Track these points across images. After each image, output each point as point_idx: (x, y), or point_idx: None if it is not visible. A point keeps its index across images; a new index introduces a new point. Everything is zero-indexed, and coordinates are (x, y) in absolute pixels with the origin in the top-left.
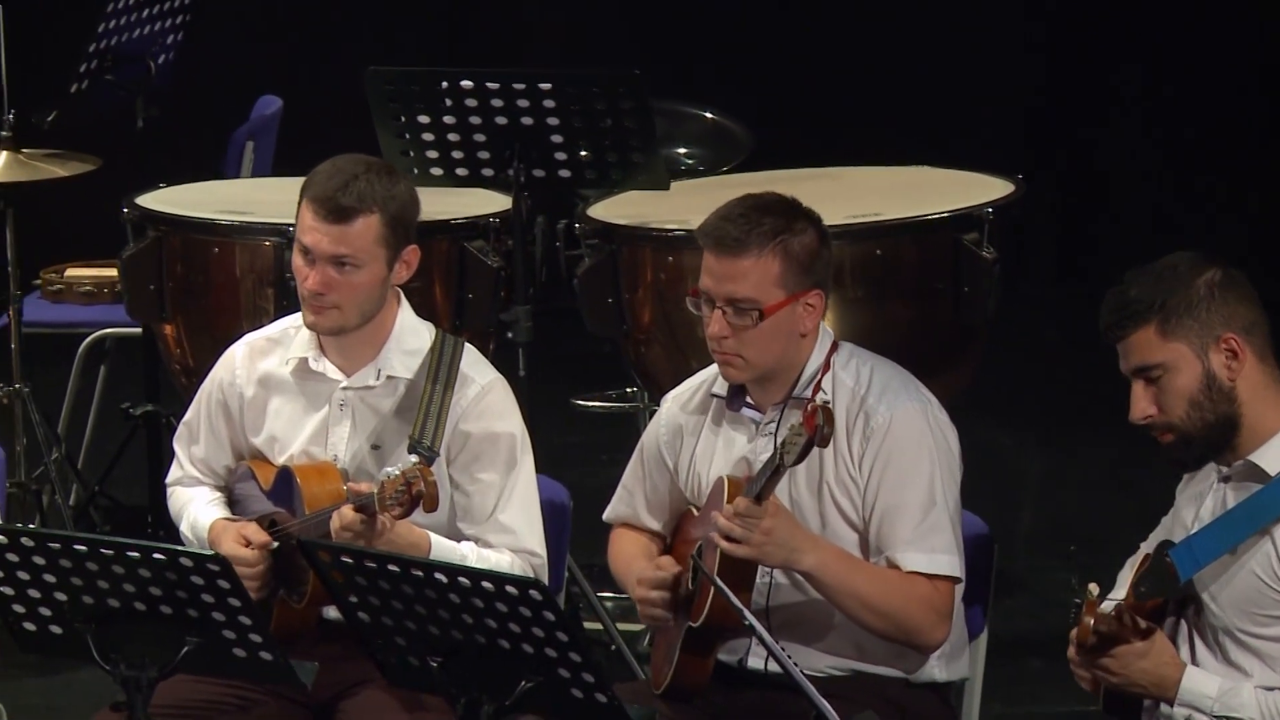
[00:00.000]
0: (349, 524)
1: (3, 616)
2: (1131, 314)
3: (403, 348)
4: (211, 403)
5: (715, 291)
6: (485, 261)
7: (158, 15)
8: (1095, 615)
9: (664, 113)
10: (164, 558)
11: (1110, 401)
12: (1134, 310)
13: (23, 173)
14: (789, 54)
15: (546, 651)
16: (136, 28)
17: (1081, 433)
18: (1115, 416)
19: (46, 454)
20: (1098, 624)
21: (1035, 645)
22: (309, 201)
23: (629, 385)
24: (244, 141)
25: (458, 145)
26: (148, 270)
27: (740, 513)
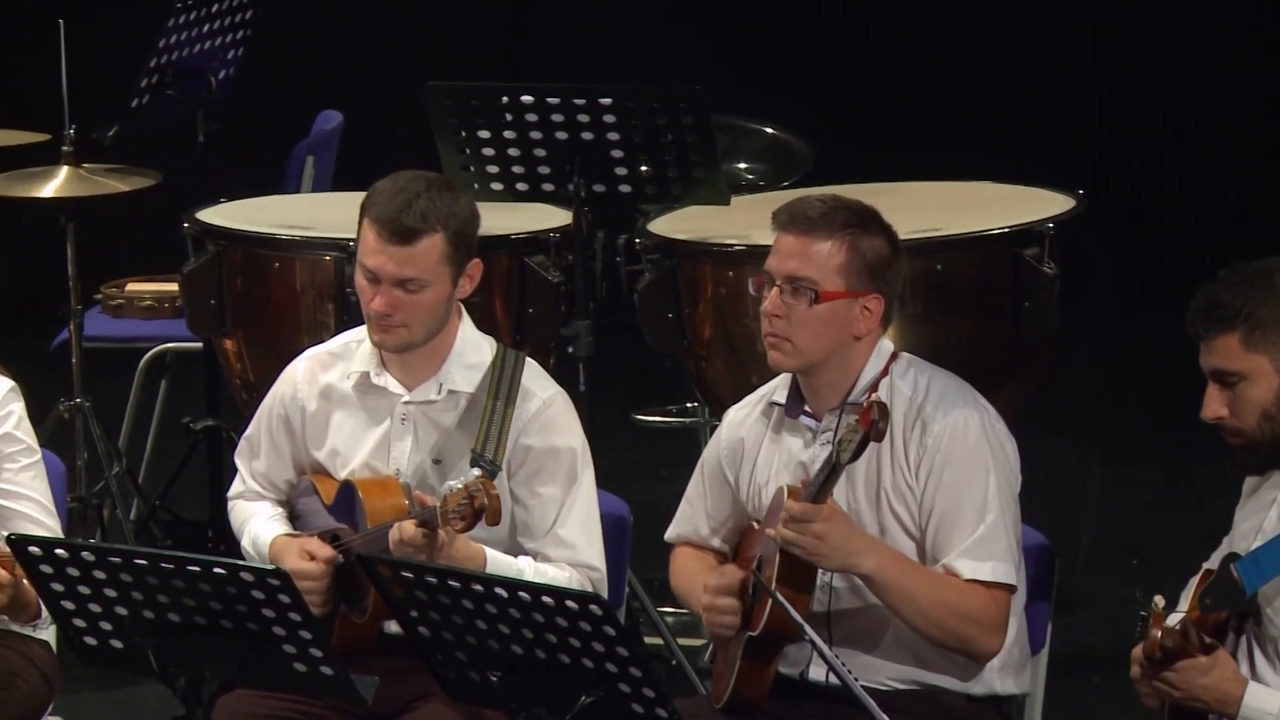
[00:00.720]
0: (410, 538)
1: (64, 631)
2: (1218, 318)
3: (464, 362)
4: (273, 417)
5: (777, 270)
6: (546, 276)
7: (219, 30)
8: (1163, 630)
9: (725, 128)
10: (225, 572)
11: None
12: (1221, 315)
13: (84, 187)
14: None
15: (607, 666)
16: (197, 43)
17: (1143, 448)
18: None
19: (107, 468)
20: (1163, 639)
21: (1096, 661)
22: (371, 223)
23: (690, 400)
24: (304, 156)
25: (518, 160)
26: (208, 285)
27: (795, 516)
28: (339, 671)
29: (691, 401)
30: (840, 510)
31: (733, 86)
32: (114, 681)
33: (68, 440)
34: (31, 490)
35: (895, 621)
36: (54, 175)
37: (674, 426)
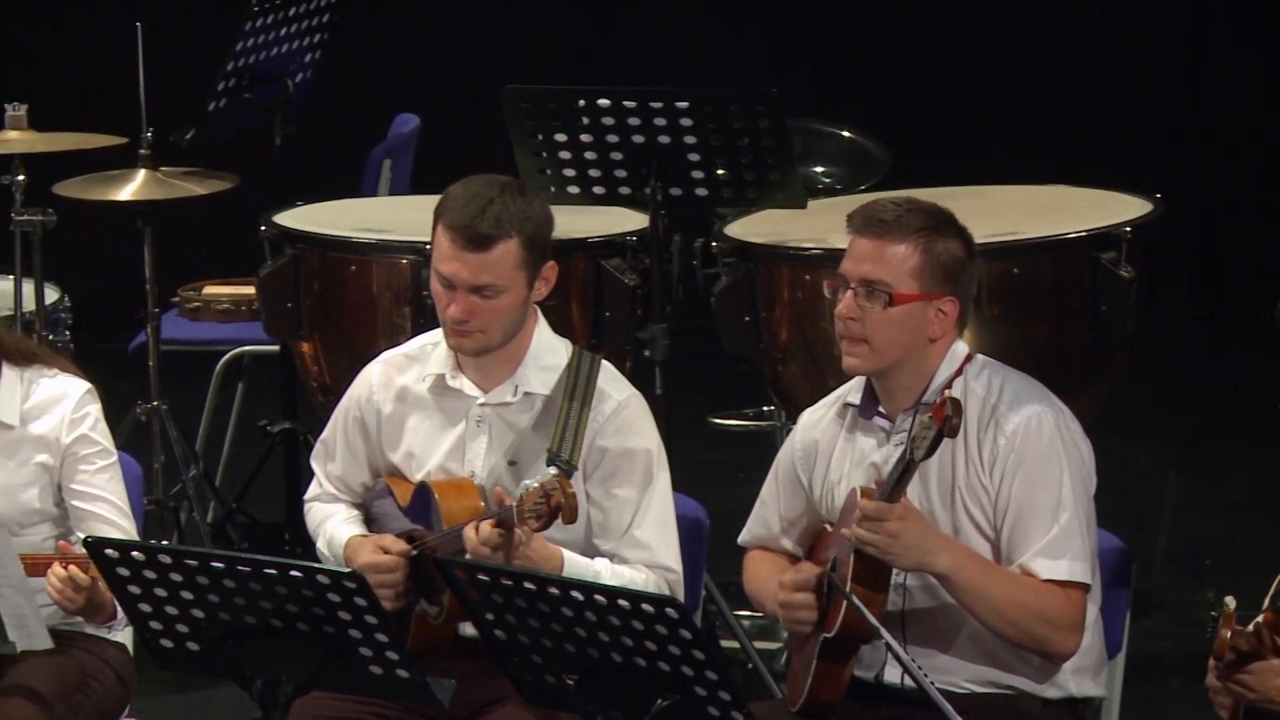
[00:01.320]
0: (486, 538)
1: (141, 633)
2: None
3: (540, 364)
4: (349, 420)
5: (852, 272)
6: (622, 280)
7: (296, 34)
8: (1234, 631)
9: (801, 131)
10: (301, 575)
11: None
12: None
13: (161, 190)
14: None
15: (683, 670)
16: (275, 46)
17: (1220, 452)
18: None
19: (184, 471)
20: (1235, 640)
21: (1173, 665)
22: (445, 229)
23: (766, 404)
24: (381, 159)
25: (595, 164)
26: (285, 288)
27: (869, 514)
28: (415, 674)
29: (768, 405)
30: (914, 509)
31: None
32: (190, 684)
33: (145, 443)
34: (107, 492)
35: (970, 622)
36: (132, 178)
37: (750, 430)
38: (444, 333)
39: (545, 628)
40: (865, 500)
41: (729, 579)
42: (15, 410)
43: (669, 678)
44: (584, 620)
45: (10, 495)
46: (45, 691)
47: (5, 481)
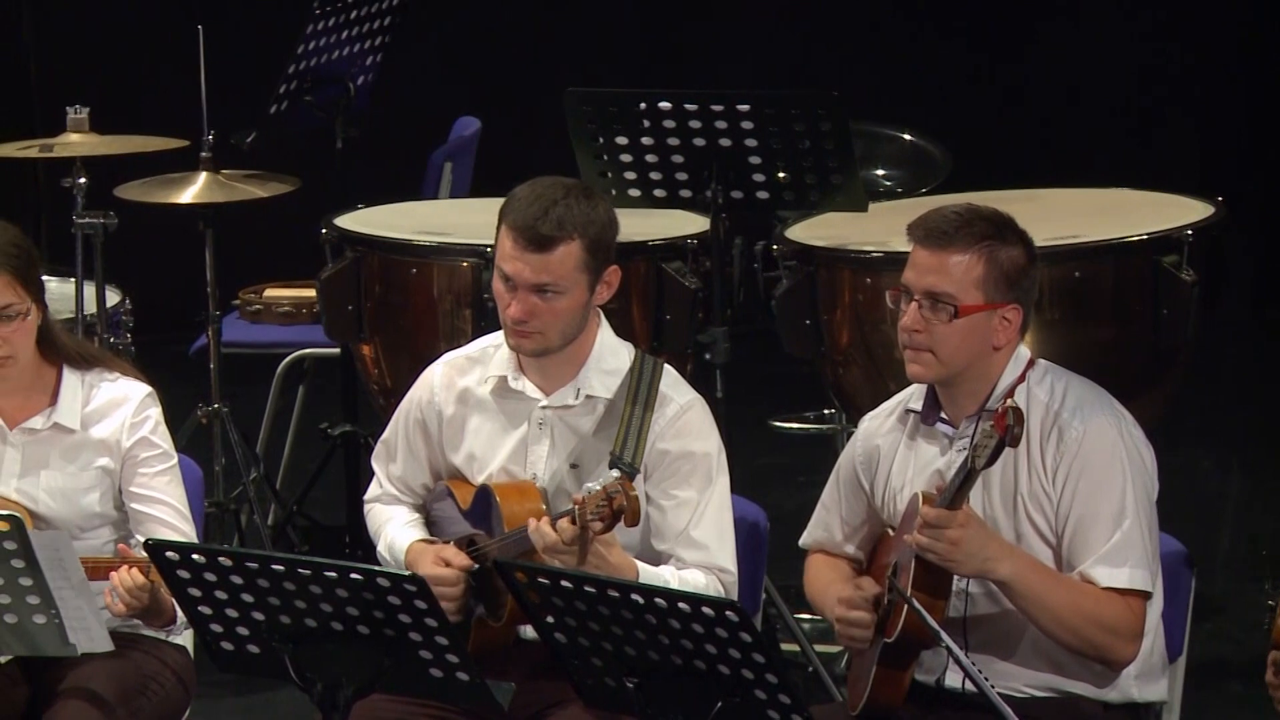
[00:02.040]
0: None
1: (201, 635)
2: None
3: (602, 367)
4: (410, 421)
5: (915, 284)
6: (683, 283)
7: (357, 37)
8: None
9: (862, 134)
10: (361, 578)
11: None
12: None
13: (222, 193)
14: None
15: (743, 673)
16: (336, 49)
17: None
18: None
19: (245, 474)
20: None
21: (1234, 669)
22: (508, 229)
23: (827, 407)
24: (442, 162)
25: (655, 166)
26: (346, 291)
27: (930, 521)
28: (475, 677)
29: (828, 408)
30: (975, 516)
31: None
32: (251, 686)
33: (205, 446)
34: (167, 495)
35: (1032, 628)
36: (193, 181)
37: (811, 433)
38: (504, 333)
39: (606, 630)
40: (927, 507)
41: (789, 582)
42: (76, 414)
43: (729, 681)
44: (644, 623)
45: (71, 499)
46: (106, 694)
47: (66, 485)
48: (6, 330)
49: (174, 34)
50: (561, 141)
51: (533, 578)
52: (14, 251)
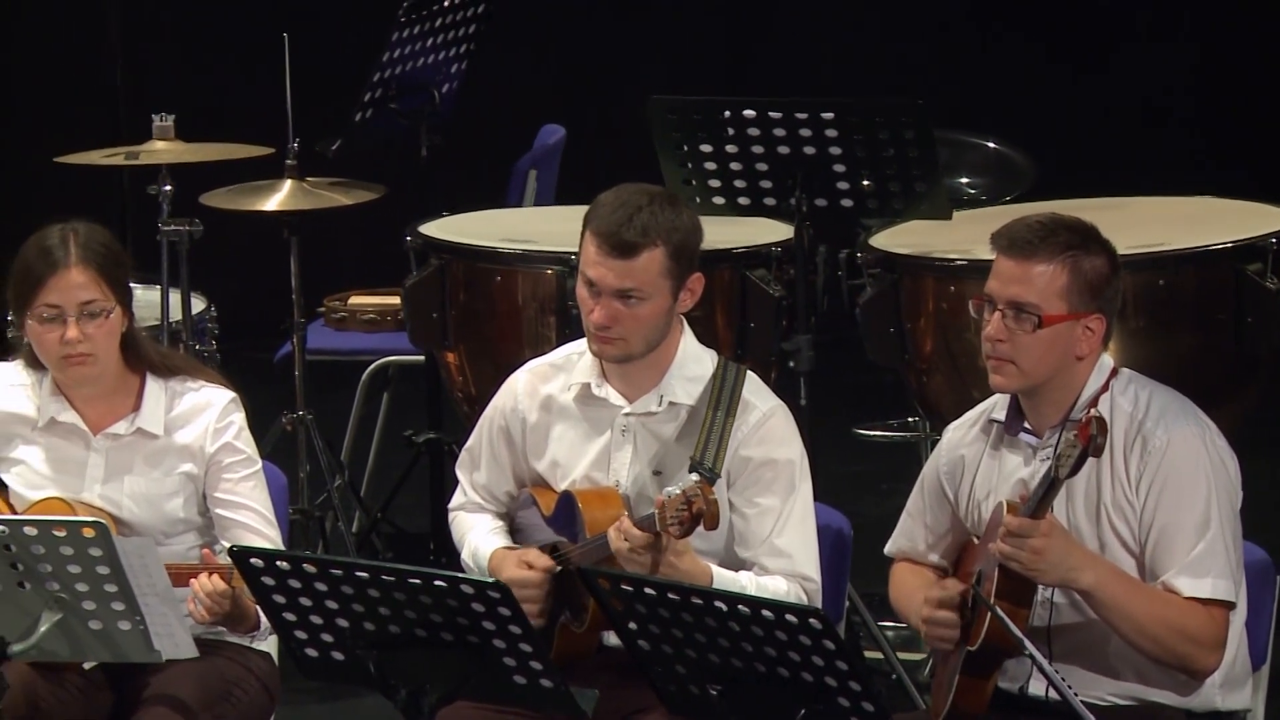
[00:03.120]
0: (635, 543)
1: (286, 642)
2: None
3: (685, 374)
4: (494, 429)
5: (999, 294)
6: (767, 290)
7: (442, 45)
8: None
9: (947, 142)
10: (445, 585)
11: None
12: None
13: (307, 201)
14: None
15: (826, 680)
16: (421, 57)
17: None
18: None
19: (330, 481)
20: None
21: None
22: (592, 235)
23: (911, 415)
24: (527, 170)
25: (740, 174)
26: (431, 298)
27: (1014, 530)
28: (559, 684)
29: (912, 416)
30: (1059, 525)
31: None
32: (335, 693)
33: (290, 452)
34: (252, 501)
35: (1115, 637)
36: (278, 189)
37: (895, 441)
38: (587, 338)
39: (689, 638)
40: (1010, 517)
41: (873, 590)
42: (159, 420)
43: (812, 688)
44: (728, 630)
45: (155, 505)
46: (190, 700)
47: (150, 491)
48: (89, 328)
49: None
50: (646, 149)
51: (616, 585)
52: (101, 250)
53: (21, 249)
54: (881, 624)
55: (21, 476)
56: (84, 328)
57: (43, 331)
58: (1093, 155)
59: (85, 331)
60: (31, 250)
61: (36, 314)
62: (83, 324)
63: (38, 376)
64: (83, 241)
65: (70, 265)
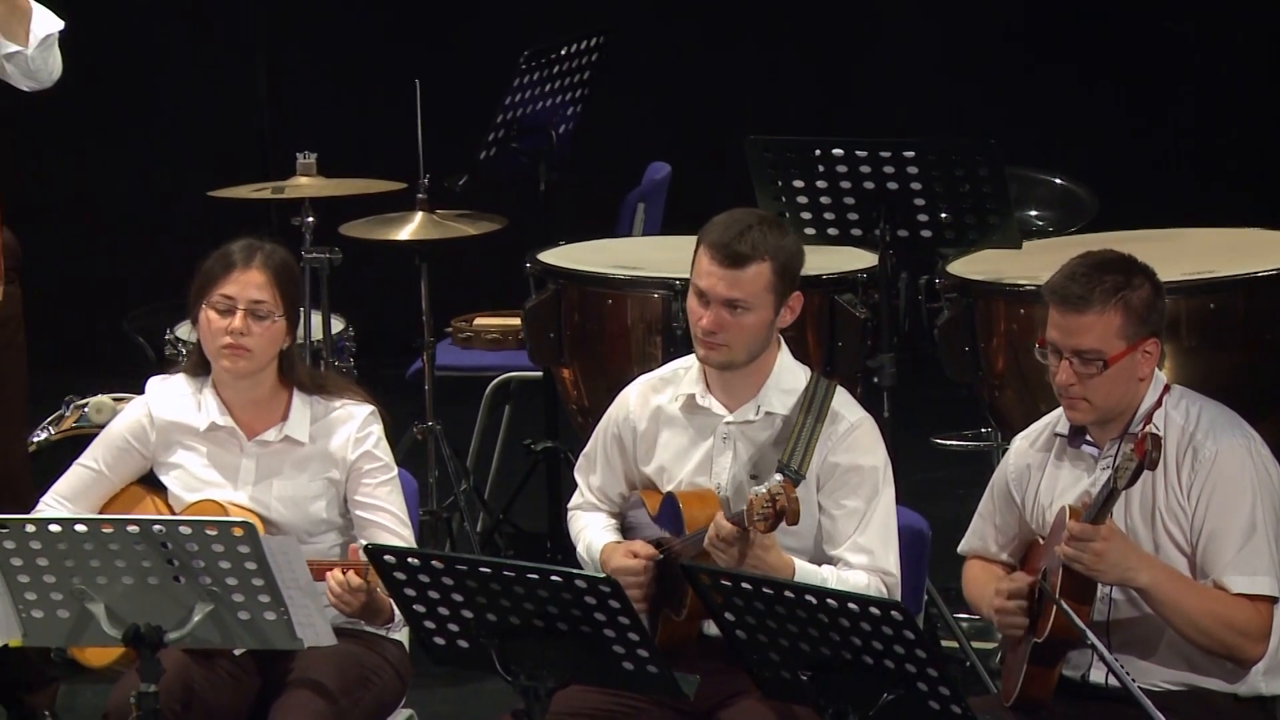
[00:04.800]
0: (723, 534)
1: (416, 632)
2: None
3: (781, 386)
4: (608, 436)
5: (1062, 344)
6: (853, 313)
7: (559, 89)
8: None
9: (1017, 178)
10: (561, 580)
11: None
12: None
13: (436, 231)
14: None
15: (906, 667)
16: (540, 100)
17: None
18: None
19: (456, 485)
20: None
21: None
22: (706, 247)
23: (984, 426)
24: (636, 203)
25: (829, 207)
26: (548, 319)
27: (1076, 535)
28: (663, 670)
29: (985, 427)
30: (1117, 530)
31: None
32: (461, 678)
33: (421, 459)
34: (388, 504)
35: (1169, 629)
36: (410, 220)
37: (969, 450)
38: (694, 345)
39: (782, 628)
40: (1073, 522)
41: (949, 584)
42: (305, 429)
43: (894, 674)
44: (817, 621)
45: (300, 506)
46: (330, 684)
47: (295, 494)
48: (254, 326)
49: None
50: (744, 184)
51: (715, 579)
52: (281, 264)
53: (213, 252)
54: (957, 616)
55: (180, 480)
56: (249, 324)
57: (213, 320)
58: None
59: (249, 328)
60: (221, 251)
61: (212, 303)
62: (248, 321)
63: (199, 385)
64: (268, 253)
65: (252, 267)
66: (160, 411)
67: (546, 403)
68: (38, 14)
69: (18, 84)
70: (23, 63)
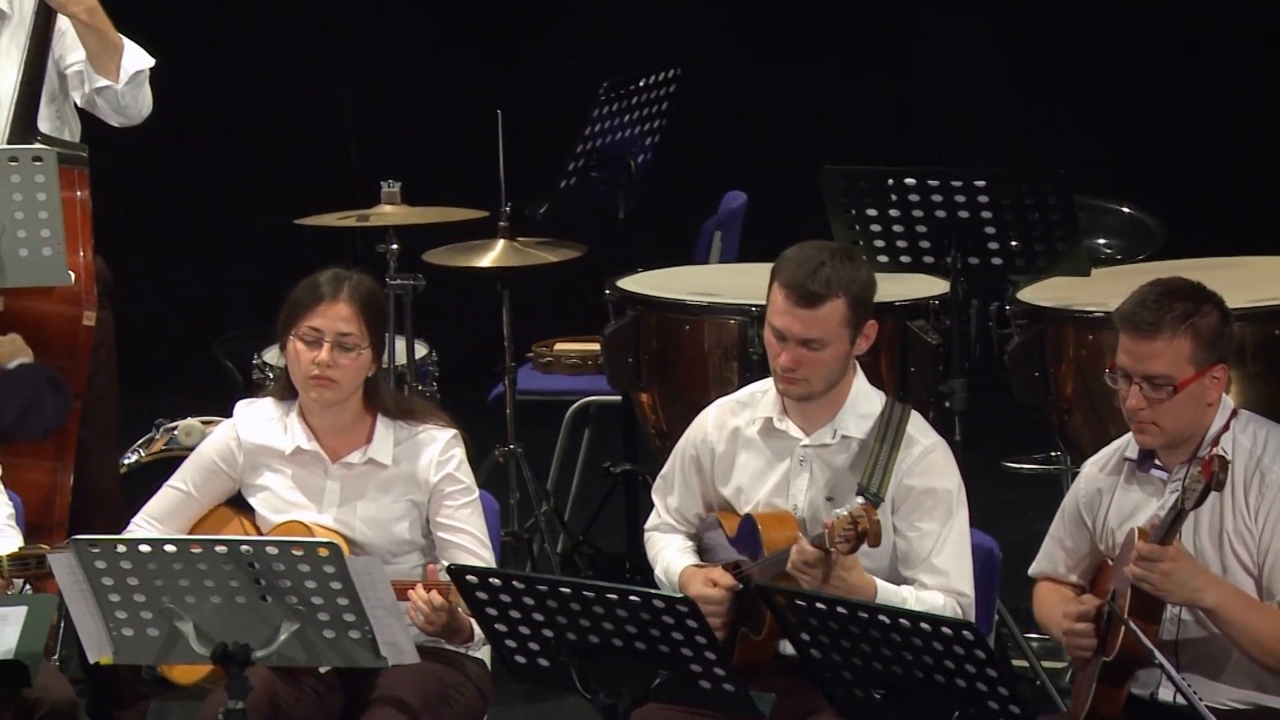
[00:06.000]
0: (808, 559)
1: (497, 650)
2: None
3: (857, 411)
4: (686, 458)
5: (1132, 369)
6: (926, 339)
7: (638, 120)
8: None
9: (1085, 207)
10: (639, 600)
11: None
12: None
13: (517, 258)
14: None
15: (978, 686)
16: (619, 131)
17: None
18: None
19: (537, 507)
20: None
21: None
22: (780, 286)
23: (1053, 449)
24: (712, 231)
25: (901, 235)
26: (627, 345)
27: (1144, 555)
28: (739, 689)
29: (1055, 450)
30: (1185, 551)
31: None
32: (541, 695)
33: (502, 482)
34: (469, 525)
35: (1235, 649)
36: (492, 247)
37: (1039, 472)
38: (774, 379)
39: (855, 647)
40: (1142, 543)
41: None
42: (389, 452)
43: (965, 693)
44: (889, 641)
45: (384, 527)
46: (412, 701)
47: (379, 515)
48: (340, 358)
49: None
50: (818, 213)
51: (791, 600)
52: (366, 294)
53: (301, 281)
54: (1027, 635)
55: (266, 501)
56: (335, 356)
57: (301, 351)
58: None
59: (335, 359)
60: (309, 281)
61: (300, 334)
62: (335, 353)
63: (285, 409)
64: (355, 284)
65: (339, 299)
66: (248, 435)
67: (625, 426)
68: (129, 50)
69: (107, 119)
70: (112, 98)
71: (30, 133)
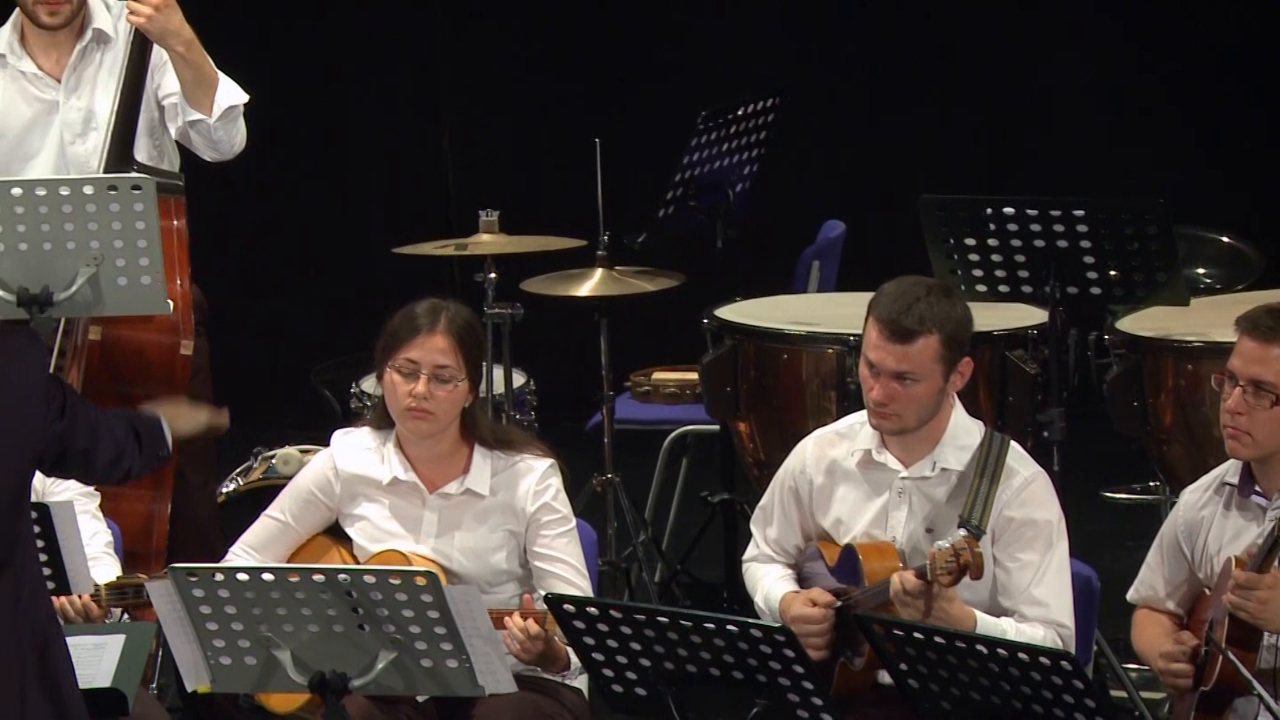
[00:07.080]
0: (912, 588)
1: (595, 679)
2: None
3: (956, 443)
4: (784, 490)
5: (1241, 371)
6: (1024, 369)
7: (736, 149)
8: None
9: (1184, 237)
10: (736, 629)
11: None
12: None
13: (615, 287)
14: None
15: (1076, 716)
16: (717, 160)
17: None
18: None
19: (634, 536)
20: None
21: None
22: (875, 321)
23: (1152, 479)
24: (811, 260)
25: (1000, 265)
26: (725, 374)
27: (1241, 584)
28: (837, 718)
29: (1154, 480)
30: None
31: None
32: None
33: (600, 511)
34: (566, 555)
35: None
36: (590, 276)
37: (1138, 503)
38: (867, 412)
39: (953, 677)
40: (1238, 570)
41: (1118, 635)
42: (486, 482)
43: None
44: (987, 671)
45: (481, 557)
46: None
47: (477, 545)
48: (437, 390)
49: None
50: (917, 242)
51: (889, 629)
52: (465, 327)
53: (399, 311)
54: (1126, 666)
55: (364, 531)
56: (432, 388)
57: (398, 383)
58: None
59: (432, 391)
60: (406, 312)
61: (397, 366)
62: (432, 385)
63: (382, 438)
64: (451, 315)
65: (436, 331)
66: (345, 464)
67: (723, 455)
68: (224, 85)
69: (200, 152)
70: (205, 131)
71: (127, 161)
